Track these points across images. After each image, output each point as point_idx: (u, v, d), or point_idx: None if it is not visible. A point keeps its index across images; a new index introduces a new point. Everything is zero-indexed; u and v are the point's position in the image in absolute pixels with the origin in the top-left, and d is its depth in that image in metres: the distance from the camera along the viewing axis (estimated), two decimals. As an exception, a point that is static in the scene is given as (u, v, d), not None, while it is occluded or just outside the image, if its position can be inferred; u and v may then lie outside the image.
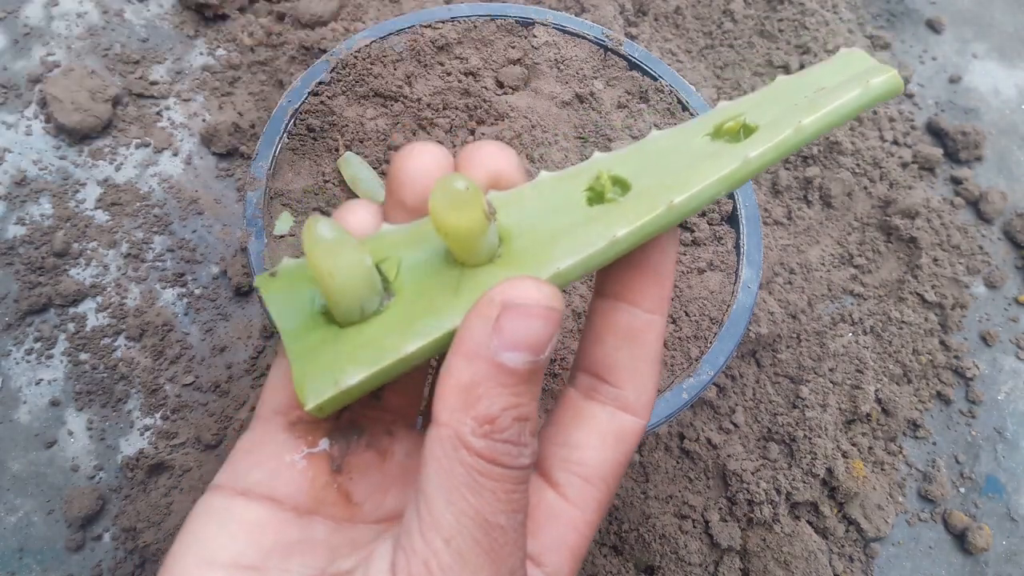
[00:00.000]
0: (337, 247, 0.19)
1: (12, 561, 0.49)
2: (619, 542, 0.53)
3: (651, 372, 0.22)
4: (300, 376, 0.20)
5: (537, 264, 0.20)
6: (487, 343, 0.17)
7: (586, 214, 0.21)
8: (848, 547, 0.56)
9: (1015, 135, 0.79)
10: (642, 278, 0.22)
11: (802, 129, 0.21)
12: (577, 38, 0.49)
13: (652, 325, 0.22)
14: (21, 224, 0.59)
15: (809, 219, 0.68)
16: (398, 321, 0.20)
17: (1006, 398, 0.64)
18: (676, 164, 0.22)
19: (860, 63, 0.24)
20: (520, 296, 0.18)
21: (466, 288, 0.20)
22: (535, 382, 0.18)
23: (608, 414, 0.22)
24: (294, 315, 0.21)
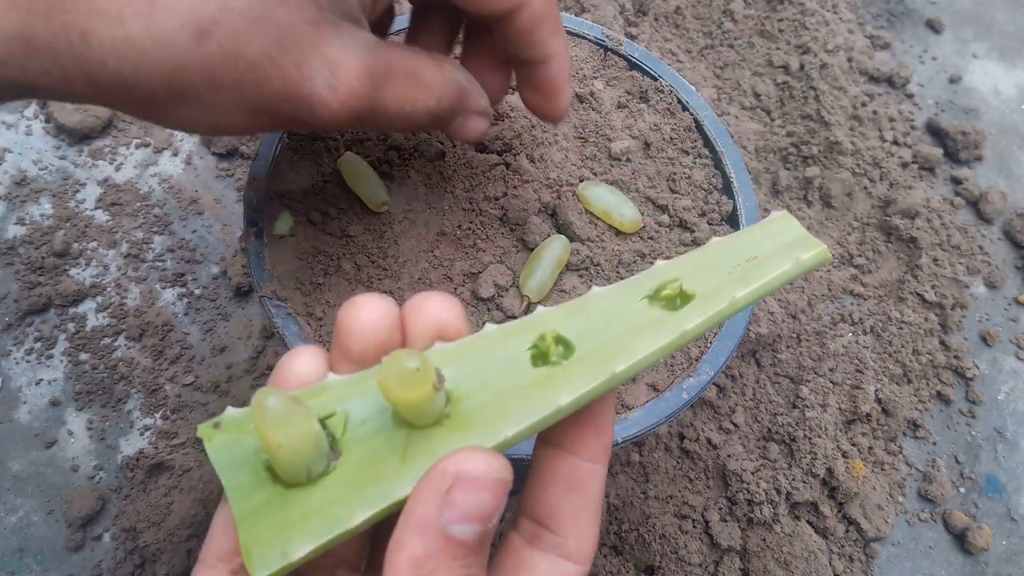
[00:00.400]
0: (286, 418, 0.20)
1: (12, 561, 0.49)
2: (619, 542, 0.53)
3: (592, 521, 0.22)
4: (247, 542, 0.20)
5: (484, 430, 0.21)
6: (438, 516, 0.18)
7: (531, 376, 0.22)
8: (848, 547, 0.56)
9: (1015, 135, 0.79)
10: (584, 431, 0.22)
11: (736, 302, 0.23)
12: (577, 38, 0.49)
13: (593, 474, 0.22)
14: (21, 224, 0.59)
15: (809, 219, 0.68)
16: (345, 486, 0.20)
17: (1006, 398, 0.64)
18: (617, 329, 0.23)
19: (791, 231, 0.25)
20: (472, 470, 0.18)
21: (413, 454, 0.21)
22: (483, 551, 0.19)
23: (550, 563, 0.22)
24: (239, 469, 0.21)
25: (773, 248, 0.24)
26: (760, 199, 0.68)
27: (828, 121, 0.69)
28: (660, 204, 0.43)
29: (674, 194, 0.44)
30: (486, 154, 0.44)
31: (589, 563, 0.22)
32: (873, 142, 0.71)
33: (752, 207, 0.43)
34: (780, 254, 0.24)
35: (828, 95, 0.71)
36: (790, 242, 0.25)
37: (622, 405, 0.38)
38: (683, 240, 0.43)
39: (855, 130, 0.72)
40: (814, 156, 0.69)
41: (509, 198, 0.42)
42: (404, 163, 0.43)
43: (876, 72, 0.77)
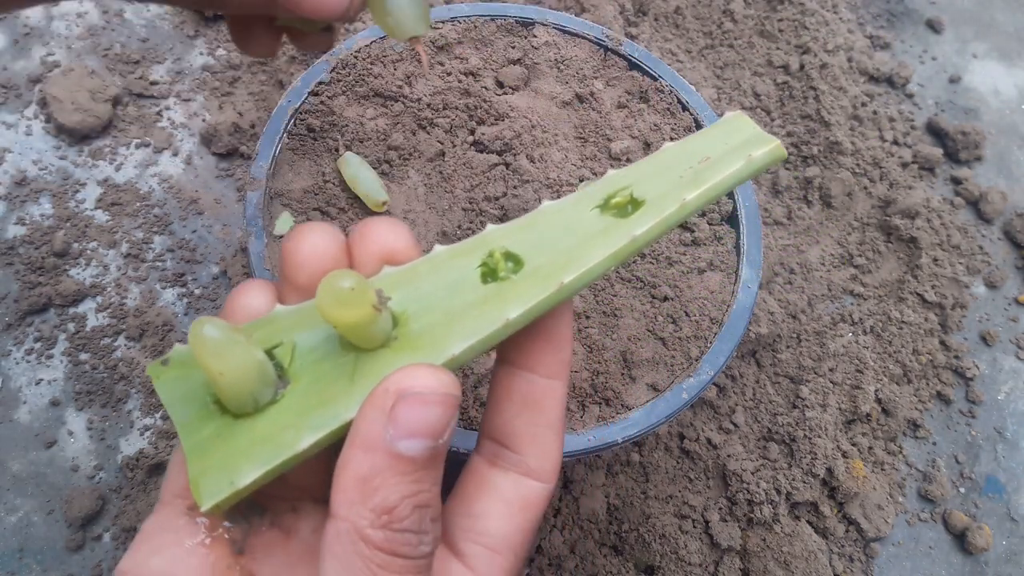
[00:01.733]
0: (225, 346, 0.19)
1: (12, 561, 0.49)
2: (619, 542, 0.53)
3: (553, 437, 0.22)
4: (195, 473, 0.20)
5: (433, 348, 0.21)
6: (383, 433, 0.17)
7: (480, 293, 0.22)
8: (848, 547, 0.56)
9: (1015, 135, 0.79)
10: (539, 346, 0.22)
11: (686, 205, 0.22)
12: (577, 38, 0.49)
13: (551, 390, 0.22)
14: (21, 224, 0.59)
15: (809, 219, 0.68)
16: (293, 412, 0.20)
17: (1006, 398, 0.64)
18: (567, 241, 0.22)
19: (745, 130, 0.24)
20: (415, 385, 0.18)
21: (361, 375, 0.20)
22: (435, 467, 0.18)
23: (512, 481, 0.22)
24: (188, 405, 0.21)
25: (726, 148, 0.24)
26: (760, 199, 0.68)
27: (828, 121, 0.69)
28: (660, 204, 0.43)
29: (674, 194, 0.44)
30: (486, 154, 0.44)
31: (553, 480, 0.22)
32: (873, 142, 0.71)
33: (752, 207, 0.43)
34: (733, 153, 0.24)
35: (828, 95, 0.71)
36: (743, 141, 0.24)
37: (622, 405, 0.38)
38: (683, 240, 0.43)
39: (855, 130, 0.72)
40: (814, 156, 0.69)
41: (509, 198, 0.42)
42: (404, 163, 0.43)
43: (876, 72, 0.77)
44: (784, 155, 0.24)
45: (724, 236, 0.43)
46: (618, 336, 0.39)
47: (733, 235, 0.43)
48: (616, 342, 0.39)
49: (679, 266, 0.42)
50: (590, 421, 0.37)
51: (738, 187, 0.44)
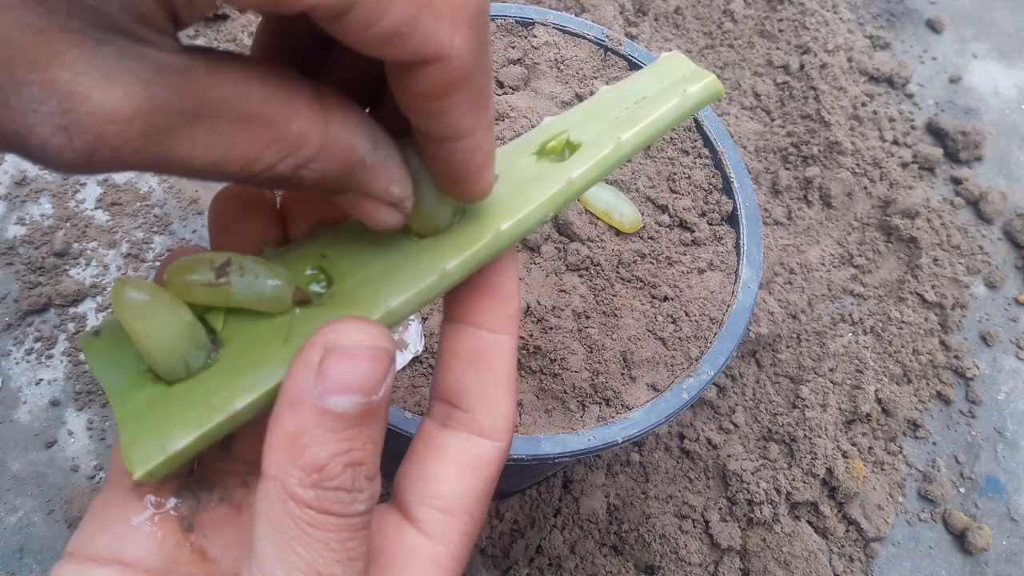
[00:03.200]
0: (149, 308, 0.19)
1: (12, 561, 0.49)
2: (619, 542, 0.53)
3: (503, 394, 0.21)
4: (127, 442, 0.19)
5: (368, 303, 0.20)
6: (311, 390, 0.17)
7: (415, 247, 0.21)
8: (848, 547, 0.56)
9: (1015, 135, 0.79)
10: (483, 299, 0.21)
11: (622, 145, 0.22)
12: (577, 38, 0.49)
13: (500, 346, 0.21)
14: (21, 224, 0.59)
15: (809, 219, 0.68)
16: (226, 375, 0.20)
17: (1006, 398, 0.64)
18: (503, 188, 0.22)
19: (680, 68, 0.24)
20: (343, 339, 0.17)
21: (295, 335, 0.20)
22: (371, 423, 0.18)
23: (462, 441, 0.21)
24: (121, 374, 0.20)
25: (661, 87, 0.24)
26: (760, 199, 0.68)
27: (828, 121, 0.69)
28: (660, 204, 0.43)
29: (674, 194, 0.44)
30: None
31: (505, 438, 0.21)
32: (873, 142, 0.71)
33: (752, 207, 0.43)
34: (668, 91, 0.23)
35: (828, 95, 0.71)
36: (679, 78, 0.24)
37: (622, 405, 0.38)
38: (683, 240, 0.43)
39: (855, 130, 0.72)
40: (814, 156, 0.69)
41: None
42: (404, 163, 0.43)
43: (876, 72, 0.77)
44: (721, 90, 0.23)
45: (724, 236, 0.43)
46: (618, 336, 0.39)
47: (733, 235, 0.43)
48: (616, 342, 0.39)
49: (679, 266, 0.42)
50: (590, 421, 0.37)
51: (738, 187, 0.44)
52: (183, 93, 0.16)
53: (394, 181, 0.20)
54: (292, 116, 0.17)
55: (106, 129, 0.15)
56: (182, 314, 0.19)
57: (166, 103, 0.16)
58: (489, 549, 0.52)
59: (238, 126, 0.17)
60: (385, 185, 0.20)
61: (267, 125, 0.17)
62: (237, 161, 0.17)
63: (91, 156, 0.15)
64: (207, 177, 0.17)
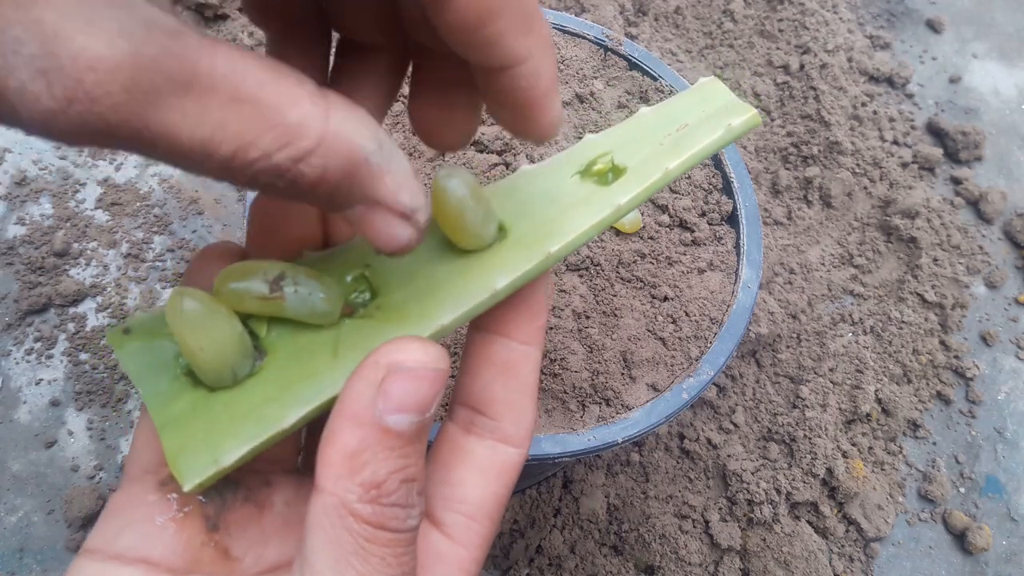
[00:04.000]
0: (205, 320, 0.19)
1: (12, 561, 0.49)
2: (619, 542, 0.53)
3: (528, 403, 0.22)
4: (173, 451, 0.19)
5: (418, 320, 0.20)
6: (372, 407, 0.17)
7: (462, 263, 0.21)
8: (848, 547, 0.56)
9: (1015, 135, 0.79)
10: (516, 312, 0.22)
11: (669, 173, 0.22)
12: (577, 38, 0.49)
13: (527, 357, 0.22)
14: (21, 224, 0.59)
15: (809, 219, 0.68)
16: (274, 386, 0.20)
17: (1006, 398, 0.64)
18: (551, 209, 0.22)
19: (720, 96, 0.24)
20: (407, 359, 0.18)
21: (345, 348, 0.20)
22: (421, 441, 0.18)
23: (488, 448, 0.22)
24: (156, 376, 0.20)
25: (703, 115, 0.24)
26: (760, 199, 0.68)
27: (828, 121, 0.69)
28: (660, 204, 0.43)
29: (674, 194, 0.44)
30: (486, 154, 0.44)
31: (527, 446, 0.22)
32: (873, 142, 0.71)
33: (752, 207, 0.43)
34: (711, 121, 0.24)
35: (828, 95, 0.71)
36: (720, 108, 0.24)
37: (622, 405, 0.38)
38: (683, 240, 0.43)
39: (855, 130, 0.72)
40: (814, 156, 0.69)
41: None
42: (404, 163, 0.43)
43: (876, 72, 0.77)
44: (759, 123, 0.24)
45: (724, 236, 0.43)
46: (618, 336, 0.39)
47: (733, 235, 0.43)
48: (616, 342, 0.39)
49: (679, 266, 0.42)
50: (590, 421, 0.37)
51: (738, 187, 0.44)
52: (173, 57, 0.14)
53: (403, 187, 0.18)
54: (291, 103, 0.15)
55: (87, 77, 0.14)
56: (235, 325, 0.19)
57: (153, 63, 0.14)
58: (489, 549, 0.52)
59: (231, 106, 0.15)
60: (394, 191, 0.18)
61: (263, 109, 0.15)
62: (230, 143, 0.15)
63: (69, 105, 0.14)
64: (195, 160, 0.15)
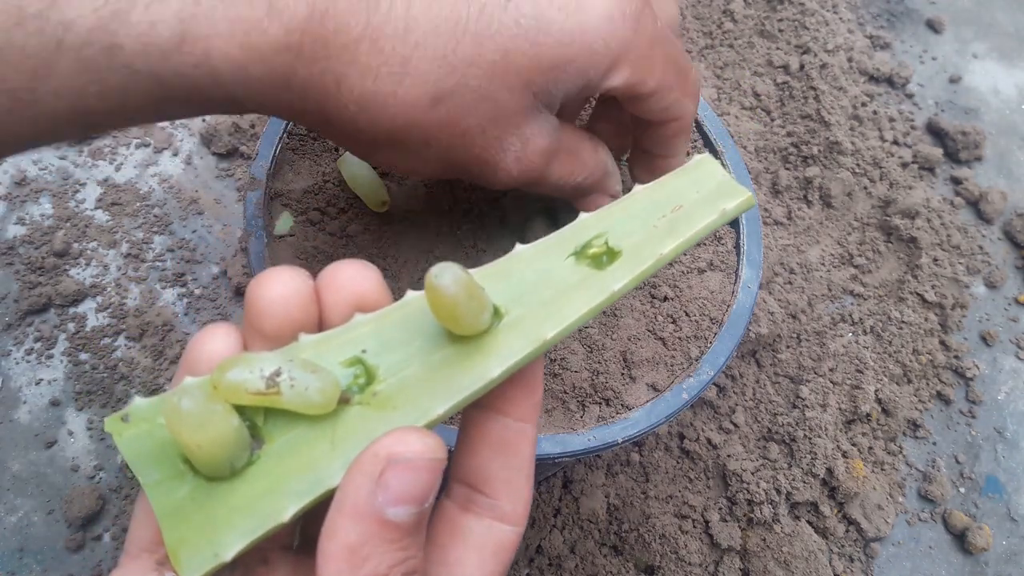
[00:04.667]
0: (203, 418, 0.19)
1: (12, 561, 0.49)
2: (619, 542, 0.53)
3: (525, 481, 0.22)
4: (173, 543, 0.19)
5: (415, 409, 0.20)
6: (372, 500, 0.17)
7: (457, 349, 0.21)
8: (848, 547, 0.56)
9: (1015, 135, 0.79)
10: (513, 392, 0.22)
11: (662, 258, 0.23)
12: (577, 38, 0.48)
13: (524, 434, 0.22)
14: (21, 224, 0.59)
15: (809, 219, 0.68)
16: (271, 476, 0.20)
17: (1006, 398, 0.64)
18: (545, 292, 0.22)
19: (714, 176, 0.25)
20: (406, 451, 0.18)
21: (342, 437, 0.20)
22: (420, 531, 0.18)
23: (485, 527, 0.22)
24: (155, 464, 0.20)
25: (698, 196, 0.24)
26: (760, 199, 0.68)
27: (828, 121, 0.69)
28: (660, 204, 0.43)
29: (674, 194, 0.44)
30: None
31: (523, 523, 0.22)
32: (873, 142, 0.71)
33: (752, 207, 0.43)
34: (705, 203, 0.24)
35: (828, 95, 0.71)
36: (714, 189, 0.24)
37: (622, 405, 0.38)
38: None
39: (855, 130, 0.72)
40: (814, 156, 0.69)
41: (509, 198, 0.42)
42: (404, 163, 0.43)
43: (876, 72, 0.77)
44: (753, 204, 0.25)
45: (724, 236, 0.43)
46: (618, 336, 0.39)
47: (733, 235, 0.43)
48: (616, 342, 0.39)
49: (679, 266, 0.42)
50: (590, 421, 0.37)
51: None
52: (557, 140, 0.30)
53: (619, 183, 0.35)
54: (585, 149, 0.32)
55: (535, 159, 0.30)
56: (232, 421, 0.19)
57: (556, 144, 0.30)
58: None
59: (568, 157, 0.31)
60: (615, 184, 0.35)
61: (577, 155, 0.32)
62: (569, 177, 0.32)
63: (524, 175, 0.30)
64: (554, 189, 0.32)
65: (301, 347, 0.21)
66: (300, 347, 0.21)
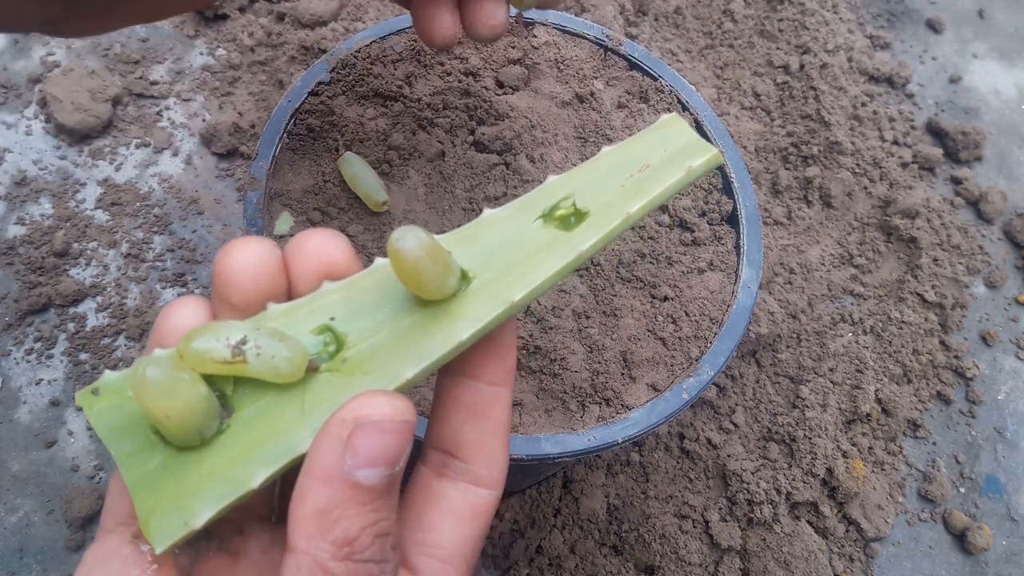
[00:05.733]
0: (170, 387, 0.19)
1: (12, 561, 0.49)
2: (619, 542, 0.53)
3: (499, 444, 0.22)
4: (144, 512, 0.19)
5: (384, 374, 0.20)
6: (341, 464, 0.17)
7: (425, 313, 0.21)
8: (848, 547, 0.56)
9: (1015, 135, 0.79)
10: (484, 354, 0.22)
11: (630, 218, 0.23)
12: (577, 38, 0.49)
13: (497, 398, 0.22)
14: (21, 224, 0.59)
15: (809, 219, 0.68)
16: (242, 444, 0.20)
17: (1006, 398, 0.64)
18: (513, 256, 0.22)
19: (682, 136, 0.24)
20: (373, 413, 0.18)
21: (312, 403, 0.20)
22: (392, 494, 0.18)
23: (460, 491, 0.22)
24: (126, 436, 0.20)
25: (665, 155, 0.24)
26: (760, 199, 0.68)
27: (828, 121, 0.69)
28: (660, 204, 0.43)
29: (674, 194, 0.44)
30: (486, 154, 0.44)
31: (500, 487, 0.22)
32: (873, 142, 0.71)
33: (752, 207, 0.43)
34: (672, 162, 0.24)
35: (828, 95, 0.71)
36: (682, 148, 0.24)
37: (622, 405, 0.38)
38: (683, 240, 0.43)
39: (855, 130, 0.72)
40: (814, 156, 0.69)
41: (509, 198, 0.42)
42: (404, 163, 0.43)
43: (876, 72, 0.77)
44: (721, 161, 0.24)
45: (724, 236, 0.43)
46: (618, 336, 0.39)
47: (733, 235, 0.43)
48: (616, 342, 0.39)
49: (679, 266, 0.42)
50: (590, 421, 0.37)
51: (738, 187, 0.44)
52: None
53: None
54: None
55: None
56: (200, 389, 0.19)
57: None
58: (489, 549, 0.52)
59: None
60: None
61: None
62: None
63: None
64: None
65: (270, 316, 0.21)
66: (268, 316, 0.21)
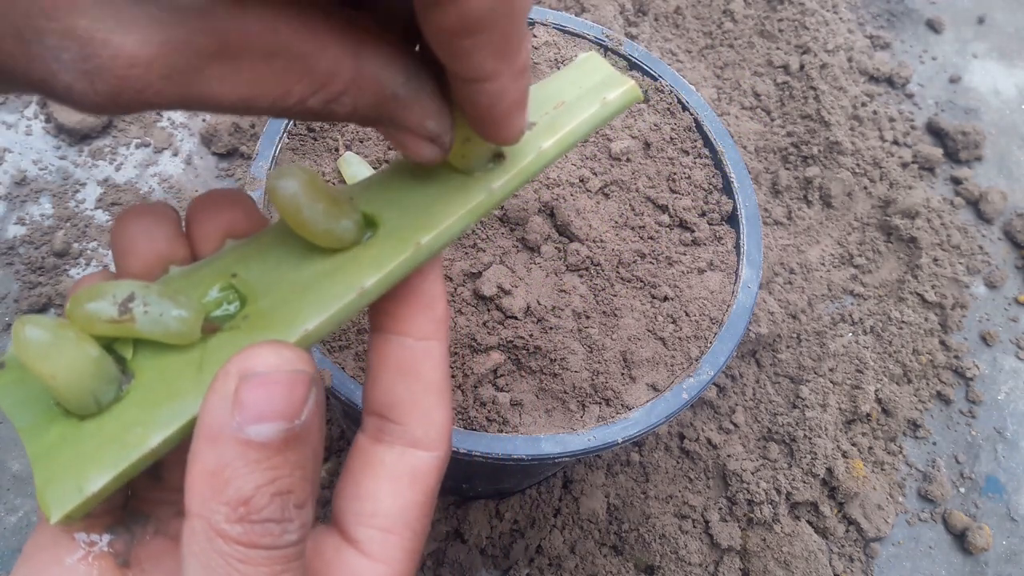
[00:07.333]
0: (52, 347, 0.18)
1: (12, 561, 0.49)
2: (619, 542, 0.53)
3: (436, 401, 0.21)
4: (43, 483, 0.18)
5: (284, 326, 0.19)
6: (229, 421, 0.16)
7: (330, 263, 0.20)
8: (848, 547, 0.56)
9: (1015, 135, 0.79)
10: (407, 306, 0.21)
11: (544, 153, 0.22)
12: (577, 38, 0.49)
13: (427, 353, 0.21)
14: (21, 224, 0.59)
15: (809, 219, 0.68)
16: (140, 408, 0.19)
17: (1006, 398, 0.64)
18: (424, 198, 0.21)
19: (598, 71, 0.24)
20: (258, 365, 0.17)
21: (211, 363, 0.19)
22: (296, 449, 0.17)
23: (397, 455, 0.20)
24: (29, 409, 0.19)
25: (580, 91, 0.23)
26: (760, 199, 0.68)
27: (828, 121, 0.69)
28: (660, 204, 0.43)
29: (674, 194, 0.44)
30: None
31: (441, 448, 0.21)
32: (873, 142, 0.71)
33: (752, 207, 0.43)
34: (587, 96, 0.23)
35: (828, 95, 0.71)
36: (598, 83, 0.23)
37: (622, 405, 0.38)
38: (683, 240, 0.43)
39: (855, 130, 0.72)
40: (814, 156, 0.69)
41: (509, 198, 0.42)
42: (404, 163, 0.43)
43: (876, 72, 0.77)
44: (640, 96, 0.23)
45: (724, 236, 0.43)
46: (618, 336, 0.39)
47: (733, 235, 0.43)
48: (616, 342, 0.39)
49: (679, 266, 0.42)
50: (590, 421, 0.37)
51: (738, 187, 0.44)
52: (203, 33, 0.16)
53: (428, 116, 0.20)
54: (320, 52, 0.17)
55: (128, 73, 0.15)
56: (88, 350, 0.18)
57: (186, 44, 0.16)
58: (489, 549, 0.52)
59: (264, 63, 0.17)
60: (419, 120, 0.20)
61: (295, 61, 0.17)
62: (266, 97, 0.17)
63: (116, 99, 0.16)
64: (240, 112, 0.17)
65: (171, 279, 0.20)
66: (170, 279, 0.20)
